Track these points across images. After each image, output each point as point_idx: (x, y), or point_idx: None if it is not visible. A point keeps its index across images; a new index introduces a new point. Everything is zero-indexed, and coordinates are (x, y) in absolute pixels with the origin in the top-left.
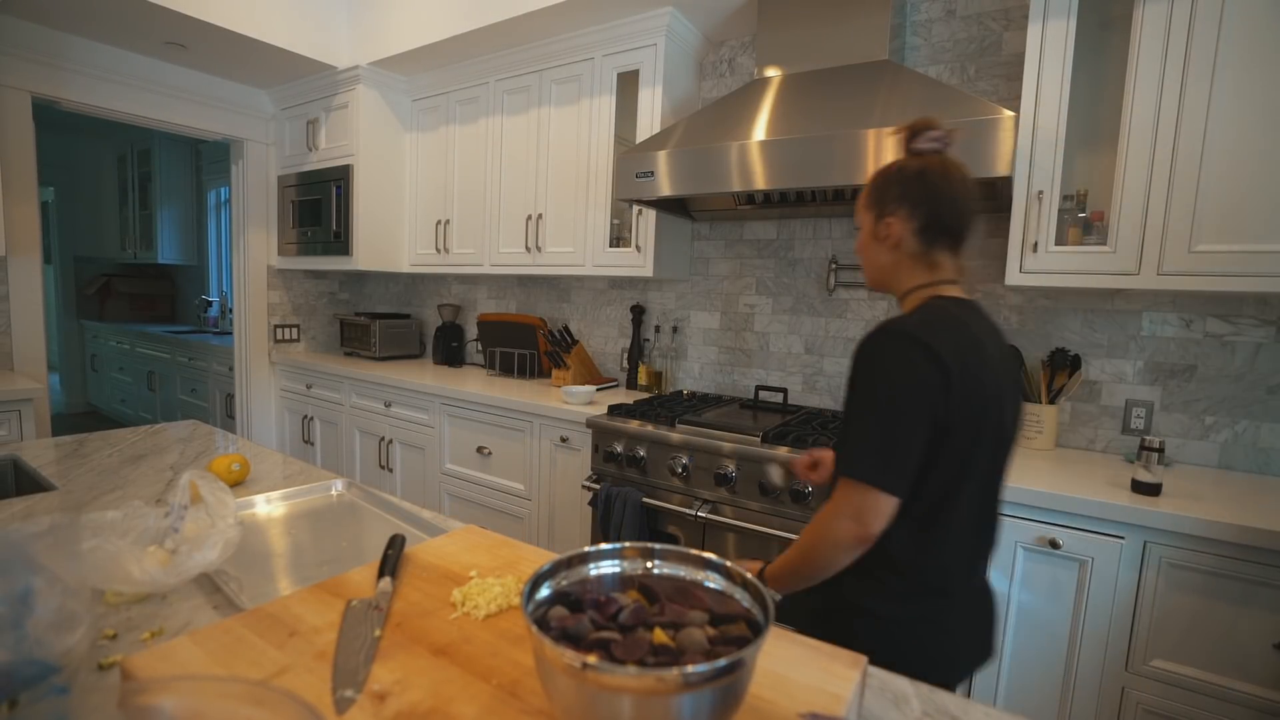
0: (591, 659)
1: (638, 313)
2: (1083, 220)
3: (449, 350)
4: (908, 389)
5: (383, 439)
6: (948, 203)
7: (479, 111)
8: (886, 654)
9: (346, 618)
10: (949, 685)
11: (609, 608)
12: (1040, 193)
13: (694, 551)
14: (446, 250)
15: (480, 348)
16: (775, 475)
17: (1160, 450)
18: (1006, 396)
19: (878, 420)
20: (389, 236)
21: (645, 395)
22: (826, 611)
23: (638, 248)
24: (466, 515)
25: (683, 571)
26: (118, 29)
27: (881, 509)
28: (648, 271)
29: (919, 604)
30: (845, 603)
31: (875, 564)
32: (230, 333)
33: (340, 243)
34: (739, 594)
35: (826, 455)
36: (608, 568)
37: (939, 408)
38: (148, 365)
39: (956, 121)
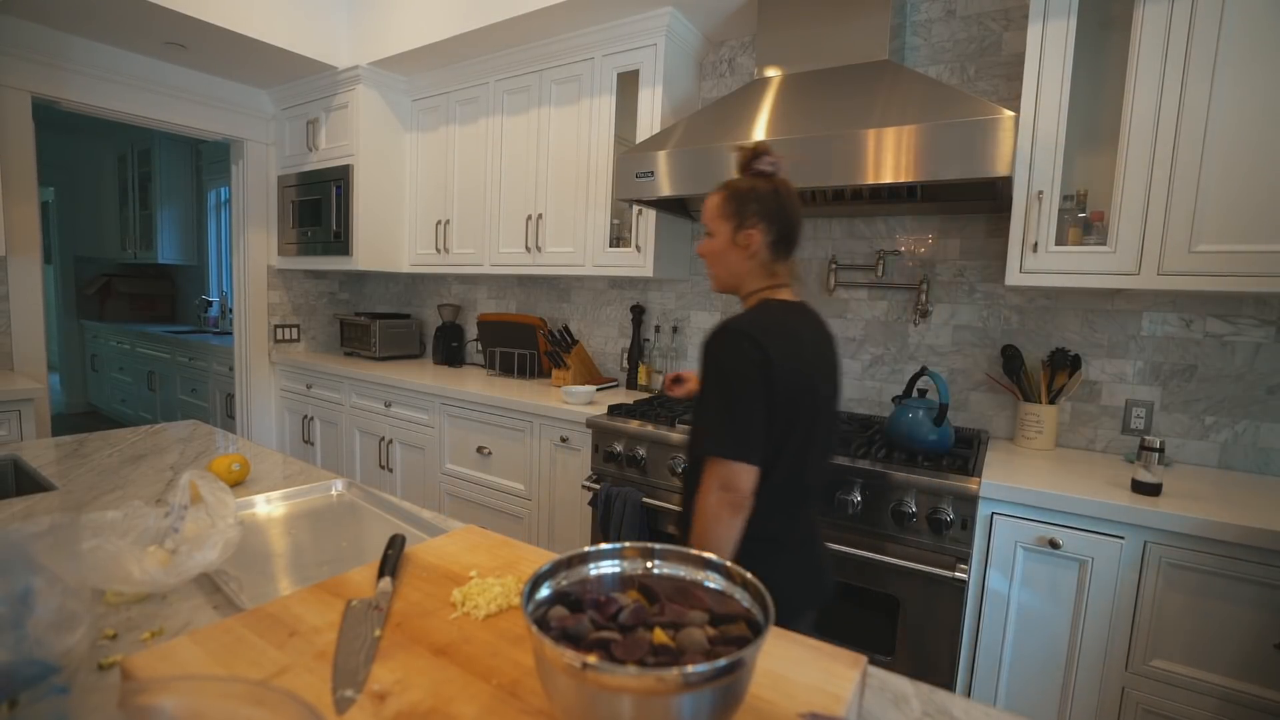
0: (591, 659)
1: (638, 313)
2: (1083, 220)
3: (449, 350)
4: (744, 375)
5: (383, 439)
6: (793, 220)
7: (479, 111)
8: None
9: (346, 618)
10: (783, 623)
11: (609, 608)
12: (1040, 193)
13: (694, 551)
14: (446, 250)
15: (480, 348)
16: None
17: (1160, 450)
18: (822, 384)
19: (724, 404)
20: (389, 236)
21: (645, 395)
22: None
23: (638, 248)
24: (466, 515)
25: (683, 571)
26: (118, 29)
27: (744, 476)
28: (648, 271)
29: (750, 547)
30: None
31: None
32: (230, 333)
33: (340, 243)
34: (739, 594)
35: (687, 374)
36: (608, 568)
37: (766, 391)
38: (148, 365)
39: (956, 121)
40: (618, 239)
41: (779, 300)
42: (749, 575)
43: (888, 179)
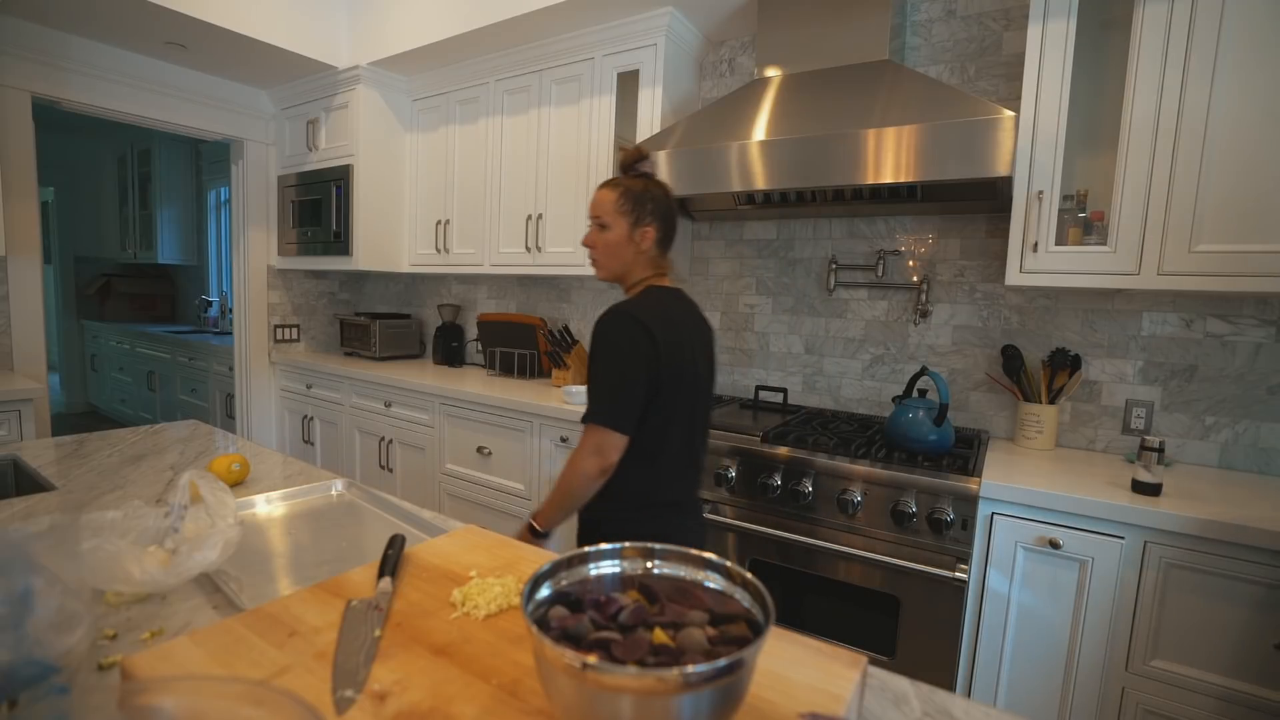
0: (591, 659)
1: None
2: (1083, 220)
3: (449, 350)
4: (628, 354)
5: (383, 439)
6: (676, 219)
7: (479, 111)
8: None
9: (346, 618)
10: None
11: (609, 608)
12: (1040, 193)
13: (694, 551)
14: (446, 250)
15: (480, 348)
16: None
17: (1160, 450)
18: (700, 361)
19: (607, 379)
20: (389, 236)
21: None
22: (581, 529)
23: None
24: (466, 515)
25: (683, 571)
26: (118, 29)
27: (615, 444)
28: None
29: (657, 513)
30: (594, 519)
31: (617, 490)
32: (230, 333)
33: (340, 243)
34: (739, 594)
35: None
36: (608, 568)
37: (651, 368)
38: (148, 365)
39: (956, 121)
40: None
41: (662, 287)
42: (749, 575)
43: (888, 179)
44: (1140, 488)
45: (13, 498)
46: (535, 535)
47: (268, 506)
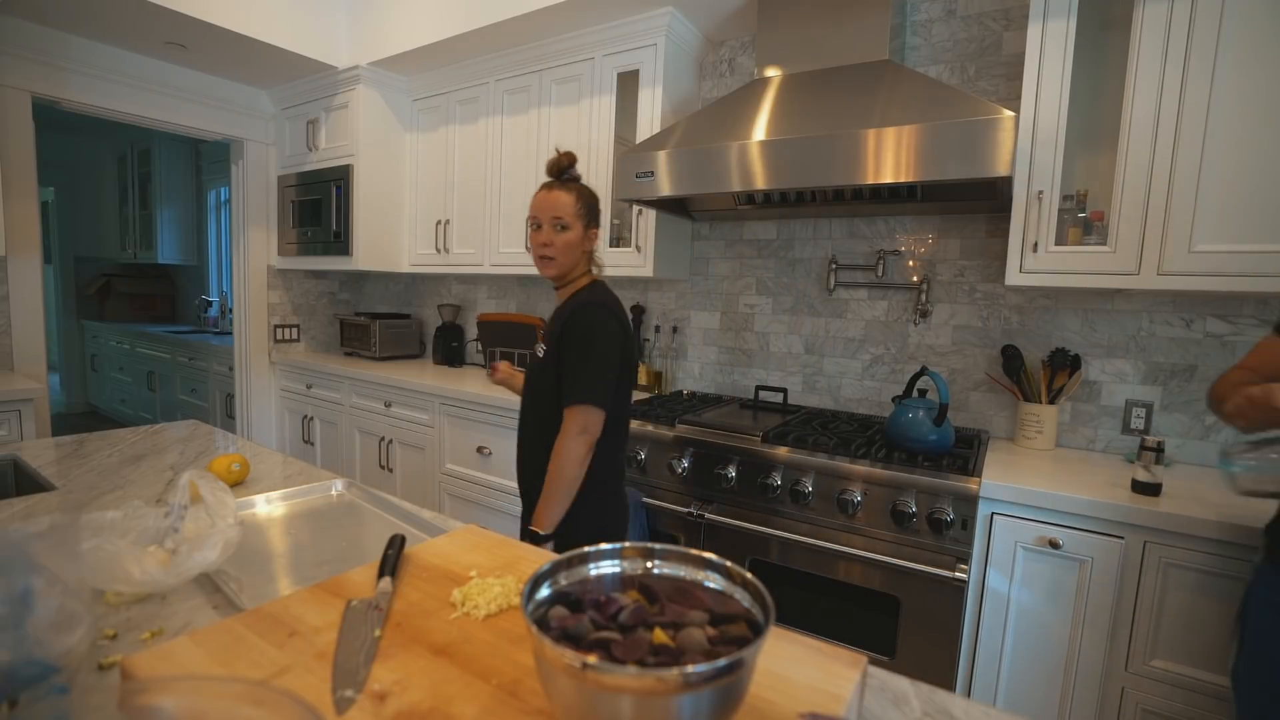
0: (591, 659)
1: (638, 313)
2: (1083, 220)
3: (449, 350)
4: (608, 344)
5: (383, 439)
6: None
7: (479, 111)
8: (598, 525)
9: (346, 618)
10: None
11: (609, 608)
12: (1040, 193)
13: (694, 551)
14: (446, 250)
15: (480, 348)
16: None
17: (1160, 450)
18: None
19: (588, 363)
20: (389, 236)
21: (645, 395)
22: (527, 510)
23: (638, 248)
24: (466, 515)
25: (683, 571)
26: (118, 29)
27: (598, 420)
28: (648, 271)
29: (611, 488)
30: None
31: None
32: (230, 333)
33: (340, 243)
34: (739, 594)
35: (503, 364)
36: (608, 568)
37: (623, 355)
38: (148, 365)
39: (956, 121)
40: (618, 239)
41: (603, 281)
42: (749, 575)
43: (888, 179)
44: (1140, 488)
45: (13, 498)
46: (539, 541)
47: (268, 506)
